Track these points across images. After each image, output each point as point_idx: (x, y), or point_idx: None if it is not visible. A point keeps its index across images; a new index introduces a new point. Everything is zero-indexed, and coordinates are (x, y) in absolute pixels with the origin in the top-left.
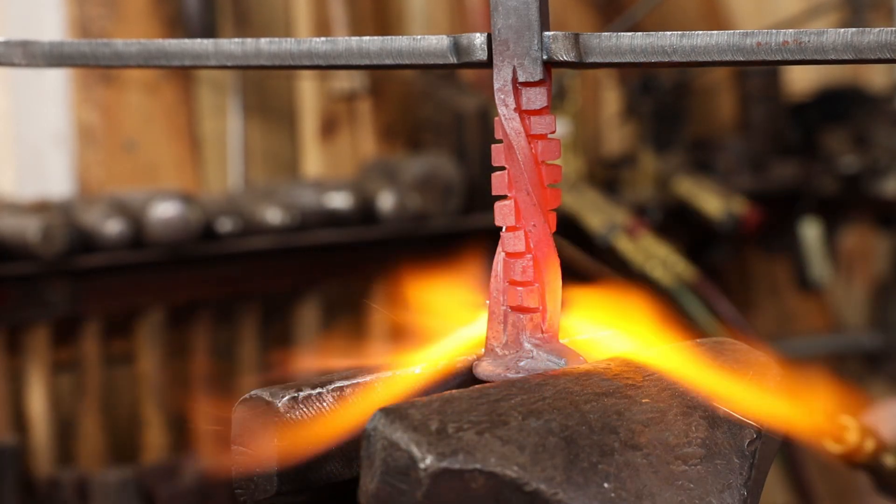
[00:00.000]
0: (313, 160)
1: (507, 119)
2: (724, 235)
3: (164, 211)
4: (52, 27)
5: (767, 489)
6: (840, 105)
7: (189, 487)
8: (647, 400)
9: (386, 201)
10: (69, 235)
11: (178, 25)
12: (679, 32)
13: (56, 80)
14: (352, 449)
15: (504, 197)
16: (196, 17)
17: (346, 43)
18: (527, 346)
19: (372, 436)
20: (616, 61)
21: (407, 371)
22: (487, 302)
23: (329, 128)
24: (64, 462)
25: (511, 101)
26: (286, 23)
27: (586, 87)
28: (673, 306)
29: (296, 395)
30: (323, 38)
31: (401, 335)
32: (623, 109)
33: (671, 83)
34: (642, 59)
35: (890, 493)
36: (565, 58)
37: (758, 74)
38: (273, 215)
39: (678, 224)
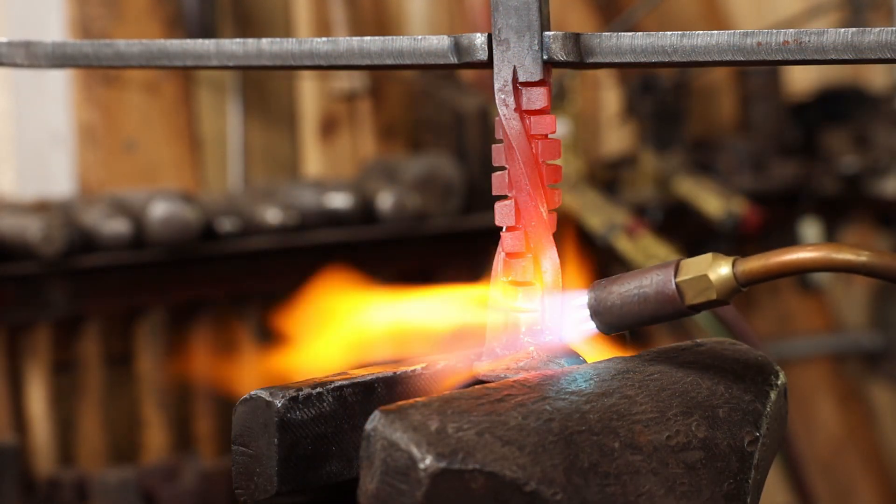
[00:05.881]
0: (313, 160)
1: (507, 119)
2: (725, 235)
3: (164, 211)
4: (52, 27)
5: (767, 489)
6: (840, 105)
7: (189, 487)
8: (647, 400)
9: (386, 201)
10: (69, 235)
11: (178, 25)
12: (679, 32)
13: (56, 81)
14: (352, 449)
15: (504, 197)
16: (196, 17)
17: (347, 43)
18: (527, 346)
19: (372, 436)
20: (616, 61)
21: (407, 371)
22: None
23: (329, 128)
24: (64, 462)
25: (511, 101)
26: (286, 23)
27: (586, 87)
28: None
29: (296, 394)
30: (324, 39)
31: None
32: (623, 109)
33: (671, 83)
34: (642, 59)
35: None
36: (565, 58)
37: (758, 74)
38: (273, 215)
39: (678, 224)
